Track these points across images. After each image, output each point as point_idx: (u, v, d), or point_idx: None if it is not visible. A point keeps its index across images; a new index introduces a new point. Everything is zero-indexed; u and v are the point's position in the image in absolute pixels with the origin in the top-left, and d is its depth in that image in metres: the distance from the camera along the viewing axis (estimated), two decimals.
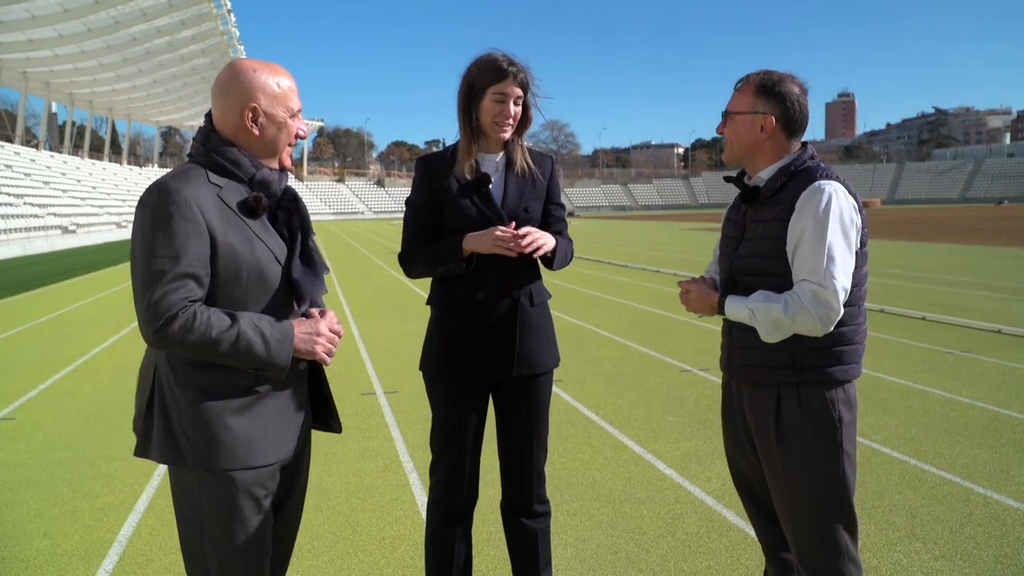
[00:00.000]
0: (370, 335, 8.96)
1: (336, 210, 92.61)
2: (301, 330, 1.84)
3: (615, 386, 6.25)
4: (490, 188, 2.39)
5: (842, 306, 1.95)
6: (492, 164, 2.45)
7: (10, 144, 48.68)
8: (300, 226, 1.93)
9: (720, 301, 2.10)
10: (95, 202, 45.56)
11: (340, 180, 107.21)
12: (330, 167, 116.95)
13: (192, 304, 1.69)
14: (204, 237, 1.72)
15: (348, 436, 4.96)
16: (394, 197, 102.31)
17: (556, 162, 2.61)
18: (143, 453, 1.83)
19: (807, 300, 1.94)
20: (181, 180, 1.75)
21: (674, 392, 6.00)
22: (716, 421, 5.15)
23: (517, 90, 2.35)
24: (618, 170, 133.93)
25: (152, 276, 1.67)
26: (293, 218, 1.93)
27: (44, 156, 50.63)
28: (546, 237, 2.39)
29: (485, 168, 2.42)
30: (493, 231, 2.31)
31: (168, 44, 52.57)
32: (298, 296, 1.87)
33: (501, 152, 2.46)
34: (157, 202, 1.71)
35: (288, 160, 1.97)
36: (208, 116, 1.90)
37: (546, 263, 2.48)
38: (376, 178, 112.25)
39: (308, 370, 1.98)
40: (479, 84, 2.34)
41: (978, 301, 10.56)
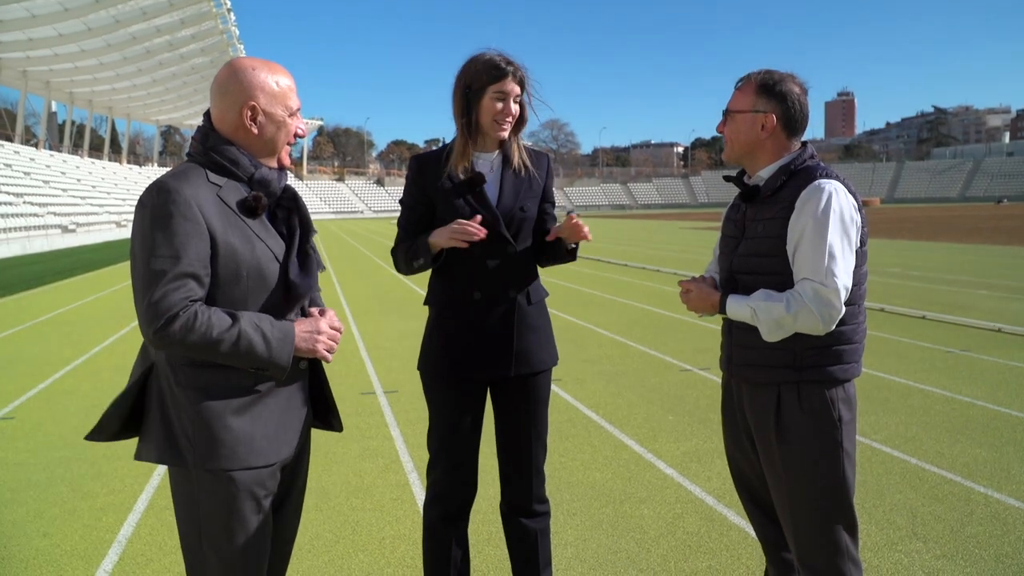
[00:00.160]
0: (370, 334, 8.96)
1: (336, 209, 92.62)
2: (302, 329, 1.83)
3: (615, 385, 6.24)
4: (484, 187, 2.39)
5: (843, 304, 1.95)
6: (487, 163, 2.45)
7: (10, 143, 48.66)
8: (300, 225, 1.93)
9: (721, 300, 2.10)
10: (95, 201, 45.55)
11: (340, 179, 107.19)
12: (330, 166, 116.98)
13: (193, 304, 1.69)
14: (204, 237, 1.71)
15: (348, 436, 4.95)
16: (394, 196, 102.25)
17: (552, 160, 2.62)
18: (139, 455, 1.82)
19: (809, 299, 1.94)
20: (180, 180, 1.74)
21: (674, 391, 6.00)
22: (716, 420, 5.14)
23: (516, 88, 2.36)
24: (618, 169, 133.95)
25: (152, 276, 1.67)
26: (292, 217, 1.93)
27: (44, 155, 50.62)
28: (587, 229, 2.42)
29: (480, 167, 2.43)
30: (453, 223, 2.31)
31: (168, 43, 52.52)
32: (293, 297, 1.86)
33: (497, 151, 2.46)
34: (157, 202, 1.70)
35: (287, 159, 1.97)
36: (207, 115, 1.90)
37: (571, 255, 2.52)
38: (376, 177, 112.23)
39: (308, 369, 1.98)
40: (478, 83, 2.34)
41: (978, 300, 10.56)
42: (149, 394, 1.81)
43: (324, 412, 2.05)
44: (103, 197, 48.30)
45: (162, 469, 4.36)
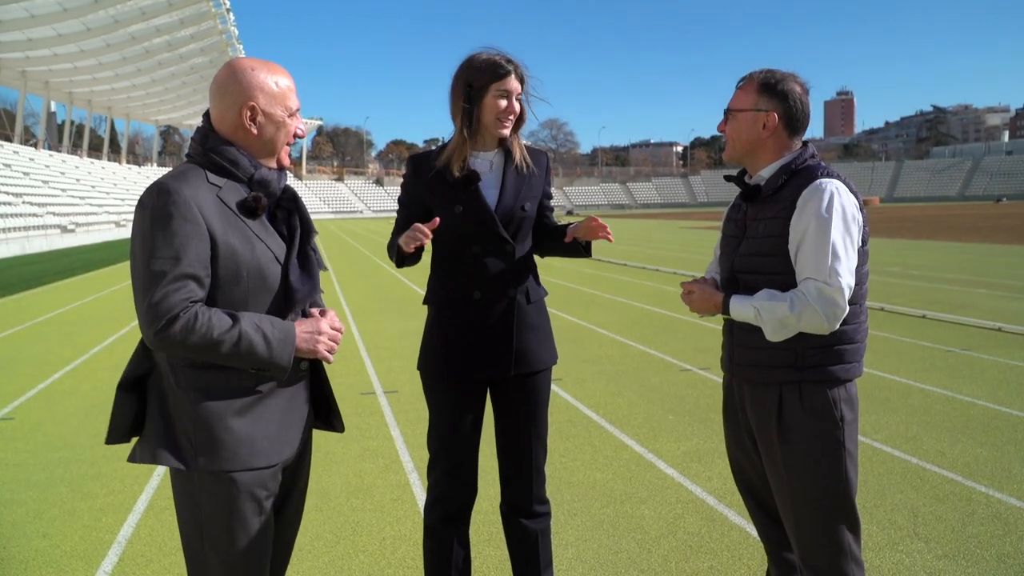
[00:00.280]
0: (369, 334, 8.95)
1: (335, 209, 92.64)
2: (303, 329, 1.83)
3: (615, 385, 6.24)
4: (479, 186, 2.39)
5: (848, 303, 1.95)
6: (486, 162, 2.44)
7: (9, 143, 48.65)
8: (300, 226, 1.92)
9: (724, 301, 2.09)
10: (94, 201, 45.53)
11: (339, 179, 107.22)
12: (329, 166, 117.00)
13: (193, 305, 1.68)
14: (204, 238, 1.71)
15: (348, 436, 4.95)
16: (393, 196, 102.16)
17: (550, 159, 2.63)
18: (138, 457, 1.81)
19: (813, 298, 1.93)
20: (180, 180, 1.74)
21: (675, 391, 5.99)
22: (717, 420, 5.14)
23: (518, 86, 2.37)
24: (617, 169, 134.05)
25: (152, 277, 1.66)
26: (293, 217, 1.92)
27: (43, 155, 50.60)
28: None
29: (479, 166, 2.42)
30: (411, 227, 2.29)
31: (167, 43, 52.51)
32: (292, 300, 1.85)
33: (495, 149, 2.46)
34: (156, 203, 1.70)
35: (287, 159, 1.96)
36: (206, 116, 1.89)
37: (586, 250, 2.54)
38: (375, 177, 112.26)
39: (309, 370, 1.97)
40: (479, 82, 2.34)
41: (978, 299, 10.56)
42: (150, 396, 1.81)
43: (326, 413, 2.05)
44: (102, 197, 48.29)
45: (162, 470, 4.36)
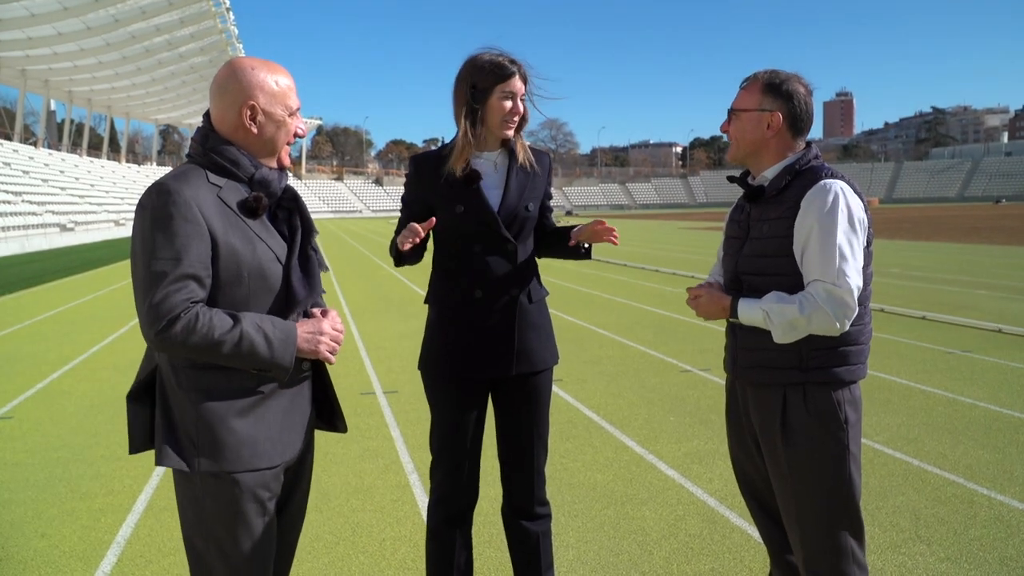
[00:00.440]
0: (369, 334, 8.94)
1: (334, 209, 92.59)
2: (304, 330, 1.82)
3: (616, 386, 6.23)
4: (482, 185, 2.38)
5: (857, 303, 1.94)
6: (490, 162, 2.43)
7: (8, 142, 48.61)
8: (301, 226, 1.91)
9: (732, 304, 2.07)
10: (93, 200, 45.49)
11: (338, 179, 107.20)
12: (328, 166, 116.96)
13: (194, 305, 1.67)
14: (205, 238, 1.70)
15: (348, 436, 4.93)
16: (392, 196, 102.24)
17: (552, 159, 2.62)
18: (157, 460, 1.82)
19: (822, 300, 1.92)
20: (180, 181, 1.73)
21: (675, 392, 5.98)
22: (717, 422, 5.13)
23: (522, 86, 2.36)
24: (616, 169, 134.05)
25: (153, 278, 1.65)
26: (294, 217, 1.91)
27: (42, 154, 50.54)
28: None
29: (482, 166, 2.41)
30: (409, 229, 2.30)
31: (167, 42, 52.48)
32: (293, 301, 1.84)
33: (499, 150, 2.45)
34: (157, 203, 1.69)
35: (287, 159, 1.96)
36: (206, 116, 1.88)
37: (587, 254, 2.56)
38: (374, 176, 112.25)
39: (312, 370, 1.96)
40: (484, 83, 2.33)
41: (978, 300, 10.55)
42: (155, 398, 1.81)
43: (328, 413, 2.04)
44: (102, 196, 48.24)
45: (161, 470, 4.34)
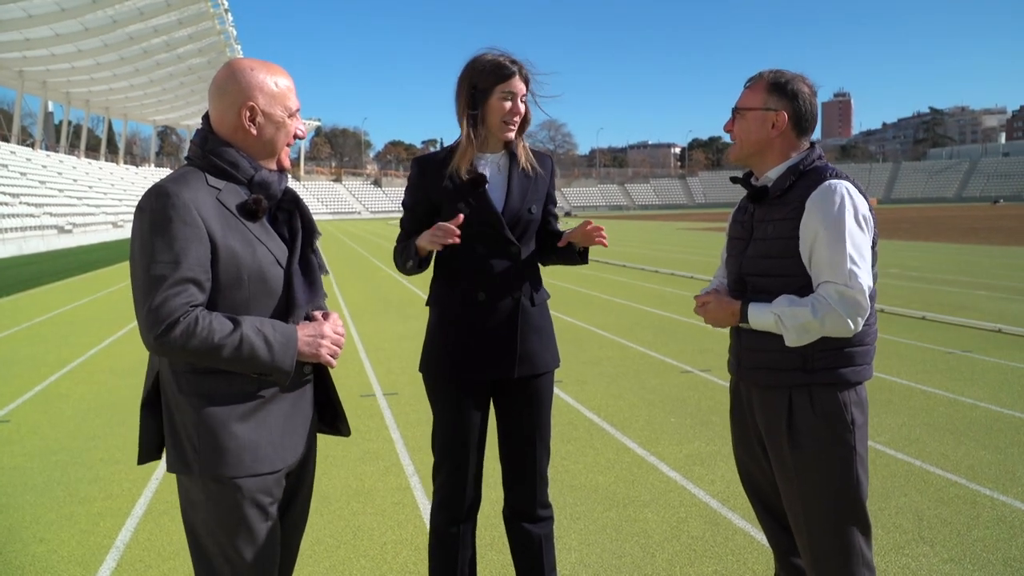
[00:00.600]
0: (369, 336, 8.92)
1: (333, 210, 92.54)
2: (305, 333, 1.80)
3: (616, 387, 6.21)
4: (486, 188, 2.36)
5: (869, 302, 1.92)
6: (492, 164, 2.42)
7: (6, 143, 48.52)
8: (302, 229, 1.90)
9: (742, 309, 2.05)
10: (91, 202, 45.42)
11: (337, 180, 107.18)
12: (327, 167, 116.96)
13: (194, 309, 1.66)
14: (204, 241, 1.68)
15: (348, 439, 4.88)
16: (391, 197, 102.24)
17: (553, 162, 2.61)
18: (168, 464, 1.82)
19: (834, 302, 1.90)
20: (179, 184, 1.72)
21: (675, 393, 5.97)
22: (718, 423, 5.12)
23: (523, 87, 2.35)
24: (615, 170, 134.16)
25: (152, 282, 1.64)
26: (294, 219, 1.90)
27: (40, 155, 50.47)
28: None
29: (485, 168, 2.40)
30: (434, 227, 2.28)
31: (165, 43, 52.42)
32: (294, 305, 1.83)
33: (502, 151, 2.44)
34: (156, 207, 1.67)
35: (287, 161, 1.94)
36: (206, 118, 1.87)
37: (582, 257, 2.52)
38: (373, 178, 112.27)
39: (314, 374, 1.94)
40: (484, 84, 2.32)
41: (977, 300, 10.55)
42: (160, 403, 1.80)
43: (331, 417, 2.03)
44: (100, 198, 48.17)
45: (160, 473, 4.32)
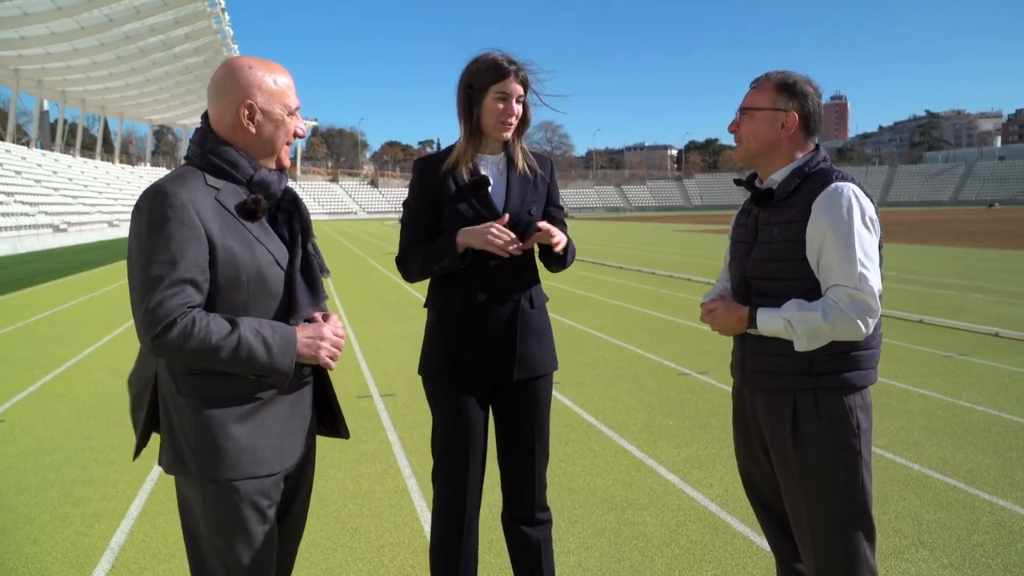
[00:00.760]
0: (365, 337, 8.89)
1: (329, 210, 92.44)
2: (304, 334, 1.78)
3: (614, 389, 6.19)
4: (489, 191, 2.34)
5: (880, 305, 1.90)
6: (492, 166, 2.41)
7: (1, 142, 48.39)
8: (301, 229, 1.87)
9: (750, 314, 2.02)
10: (87, 201, 45.28)
11: (333, 180, 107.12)
12: (323, 167, 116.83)
13: (191, 310, 1.64)
14: (202, 241, 1.66)
15: (344, 440, 4.88)
16: (387, 197, 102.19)
17: (553, 163, 2.58)
18: (160, 462, 1.81)
19: (846, 306, 1.89)
20: (177, 183, 1.70)
21: (673, 396, 5.95)
22: (716, 426, 5.10)
23: (519, 88, 2.33)
24: (611, 171, 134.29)
25: (149, 282, 1.62)
26: (294, 220, 1.88)
27: (35, 154, 50.30)
28: (560, 235, 2.35)
29: (484, 170, 2.39)
30: (489, 227, 2.26)
31: (161, 42, 52.34)
32: (295, 307, 1.81)
33: (501, 153, 2.42)
34: (153, 206, 1.66)
35: (287, 160, 1.93)
36: (205, 117, 1.85)
37: (556, 261, 2.42)
38: (369, 178, 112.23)
39: (313, 375, 1.92)
40: (480, 83, 2.31)
41: (974, 304, 10.57)
42: (156, 403, 1.78)
43: (330, 419, 2.01)
44: (95, 196, 48.03)
45: (156, 474, 4.29)
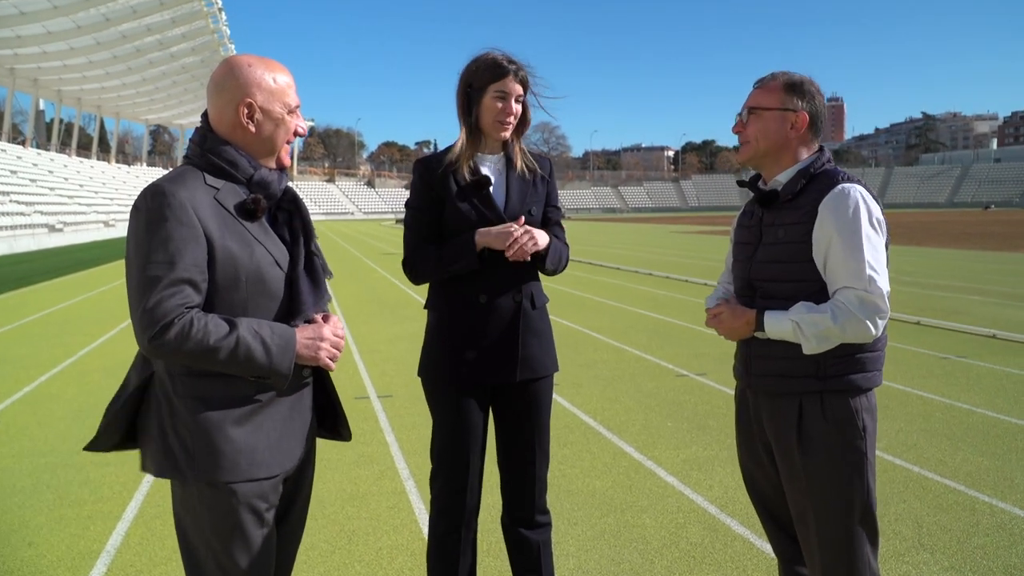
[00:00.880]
0: (363, 338, 8.86)
1: (326, 210, 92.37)
2: (304, 335, 1.76)
3: (612, 390, 6.18)
4: (490, 191, 2.33)
5: (888, 306, 1.89)
6: (491, 166, 2.39)
7: None
8: (302, 229, 1.85)
9: (757, 317, 2.00)
10: (82, 200, 45.16)
11: (330, 180, 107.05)
12: (320, 167, 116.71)
13: (189, 311, 1.61)
14: (200, 241, 1.64)
15: (342, 442, 4.86)
16: (384, 198, 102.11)
17: (552, 164, 2.57)
18: (143, 467, 1.75)
19: (855, 307, 1.87)
20: (176, 183, 1.68)
21: (672, 397, 5.94)
22: (715, 427, 5.09)
23: (518, 87, 2.32)
24: (608, 172, 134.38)
25: (147, 282, 1.60)
26: (294, 220, 1.86)
27: (31, 153, 50.17)
28: (540, 235, 2.32)
29: (484, 169, 2.37)
30: (509, 227, 2.25)
31: (158, 42, 52.27)
32: (298, 308, 1.78)
33: (500, 153, 2.41)
34: (151, 206, 1.64)
35: (287, 159, 1.91)
36: (204, 116, 1.83)
37: (540, 260, 2.38)
38: (366, 178, 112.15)
39: (313, 377, 1.90)
40: (479, 83, 2.30)
41: (971, 305, 10.58)
42: (148, 404, 1.74)
43: (331, 421, 1.98)
44: (91, 196, 47.90)
45: (151, 476, 4.26)
